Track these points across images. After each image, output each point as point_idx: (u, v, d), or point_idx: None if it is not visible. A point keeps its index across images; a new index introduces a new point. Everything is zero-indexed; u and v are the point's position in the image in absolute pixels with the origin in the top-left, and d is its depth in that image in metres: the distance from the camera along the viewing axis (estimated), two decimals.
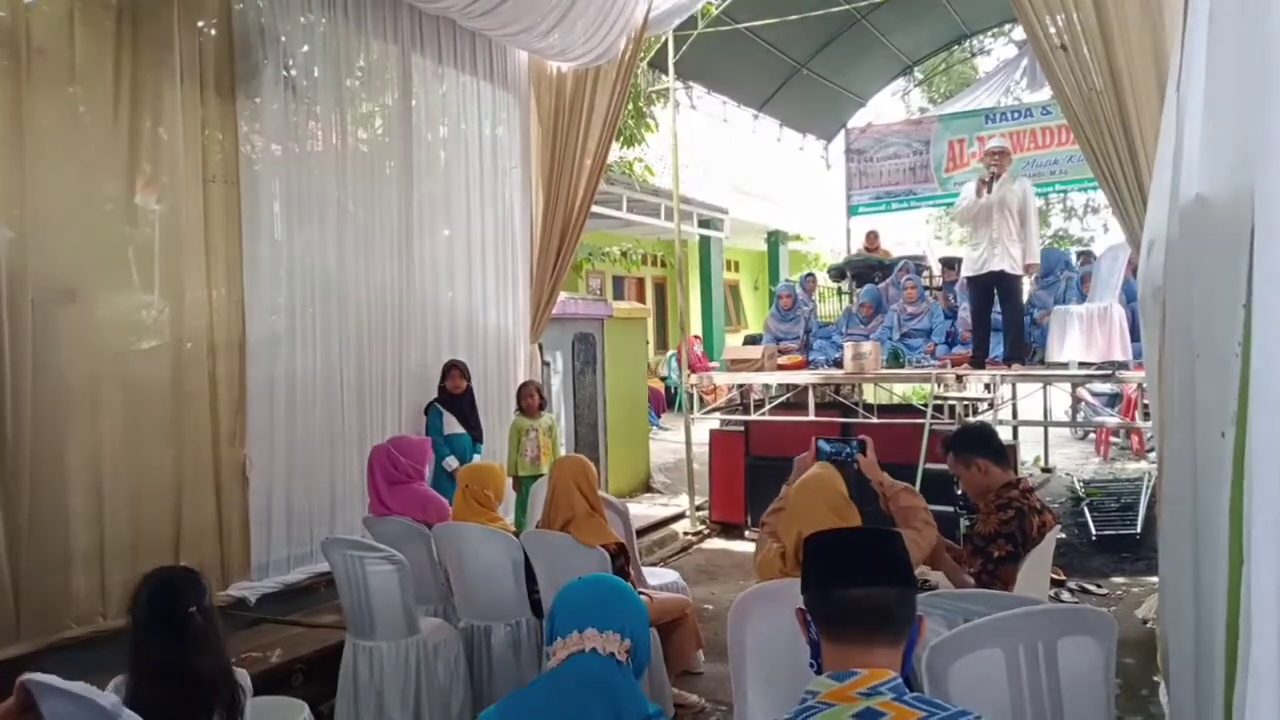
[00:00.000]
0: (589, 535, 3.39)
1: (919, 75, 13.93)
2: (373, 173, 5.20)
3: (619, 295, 14.27)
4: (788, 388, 7.16)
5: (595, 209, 7.09)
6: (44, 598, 3.56)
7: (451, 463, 5.06)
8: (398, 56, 5.36)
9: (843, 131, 12.66)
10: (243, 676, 2.22)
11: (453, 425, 5.24)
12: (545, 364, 6.66)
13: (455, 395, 5.29)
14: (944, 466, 3.23)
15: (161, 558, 3.83)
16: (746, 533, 6.97)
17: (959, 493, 3.18)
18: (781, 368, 7.20)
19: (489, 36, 5.79)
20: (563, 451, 5.98)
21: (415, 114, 5.48)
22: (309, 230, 4.77)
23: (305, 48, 4.84)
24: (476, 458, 5.16)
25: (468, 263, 5.82)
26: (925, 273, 9.20)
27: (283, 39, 4.65)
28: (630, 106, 10.10)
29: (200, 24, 4.31)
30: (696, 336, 13.74)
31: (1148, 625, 4.52)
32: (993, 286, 6.25)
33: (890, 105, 14.37)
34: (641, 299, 14.89)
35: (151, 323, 4.10)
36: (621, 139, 10.67)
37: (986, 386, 7.17)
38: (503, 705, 1.68)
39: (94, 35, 3.86)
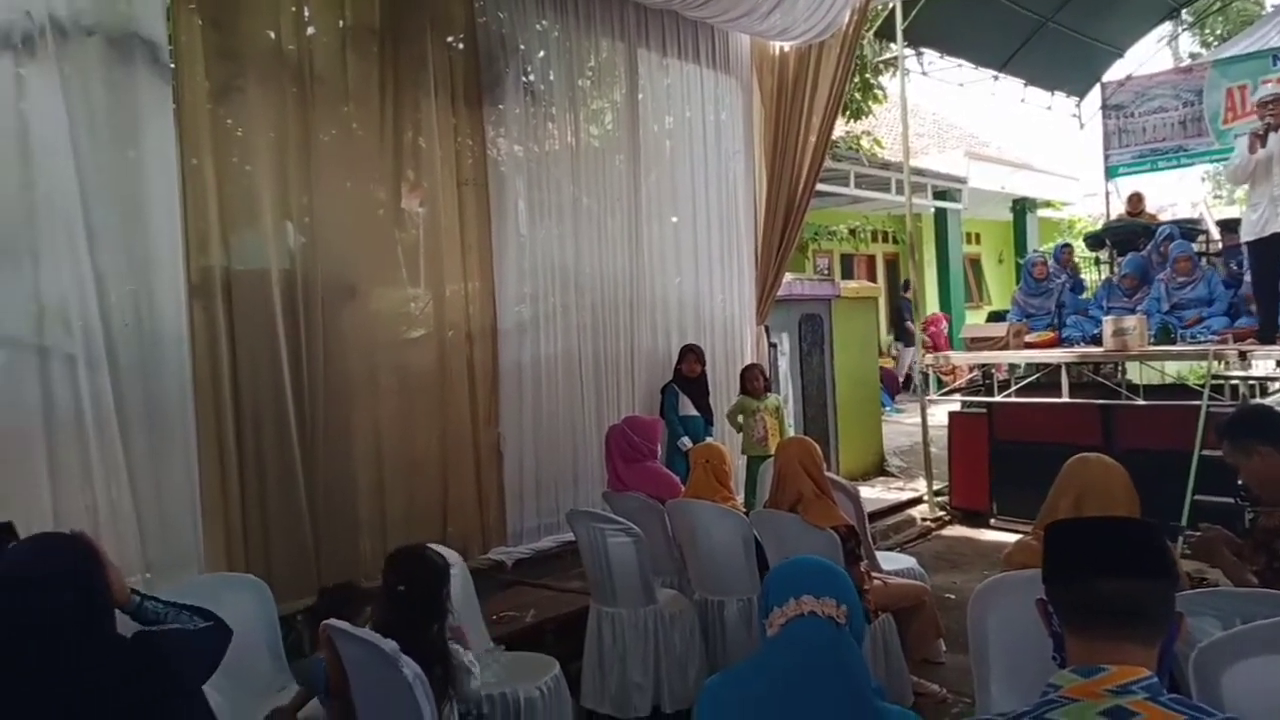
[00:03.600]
0: (818, 517, 3.38)
1: (1188, 18, 12.32)
2: (604, 167, 5.46)
3: (848, 274, 13.90)
4: (1037, 367, 6.67)
5: (821, 187, 6.99)
6: (337, 557, 4.08)
7: (686, 443, 5.21)
8: (625, 53, 5.57)
9: (1097, 86, 11.47)
10: (458, 653, 2.53)
11: (687, 407, 5.41)
12: (772, 346, 6.66)
13: (690, 378, 5.45)
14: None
15: (432, 525, 4.29)
16: (992, 520, 6.58)
17: (1239, 483, 2.83)
18: (1029, 345, 6.71)
19: (711, 24, 5.86)
20: (791, 433, 5.97)
21: (642, 107, 5.68)
22: (549, 224, 5.10)
23: (541, 53, 5.16)
24: (708, 440, 5.28)
25: (694, 248, 5.95)
26: (1201, 238, 8.14)
27: (521, 47, 4.99)
28: (856, 79, 9.79)
29: (449, 40, 4.73)
30: (943, 315, 13.01)
31: None
32: (1277, 251, 5.46)
33: (1153, 54, 12.82)
34: (872, 278, 14.40)
35: (418, 314, 4.57)
36: (847, 113, 10.36)
37: (1278, 364, 6.26)
38: (728, 673, 1.73)
39: (362, 60, 4.35)
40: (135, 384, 3.44)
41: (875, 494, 7.03)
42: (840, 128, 10.13)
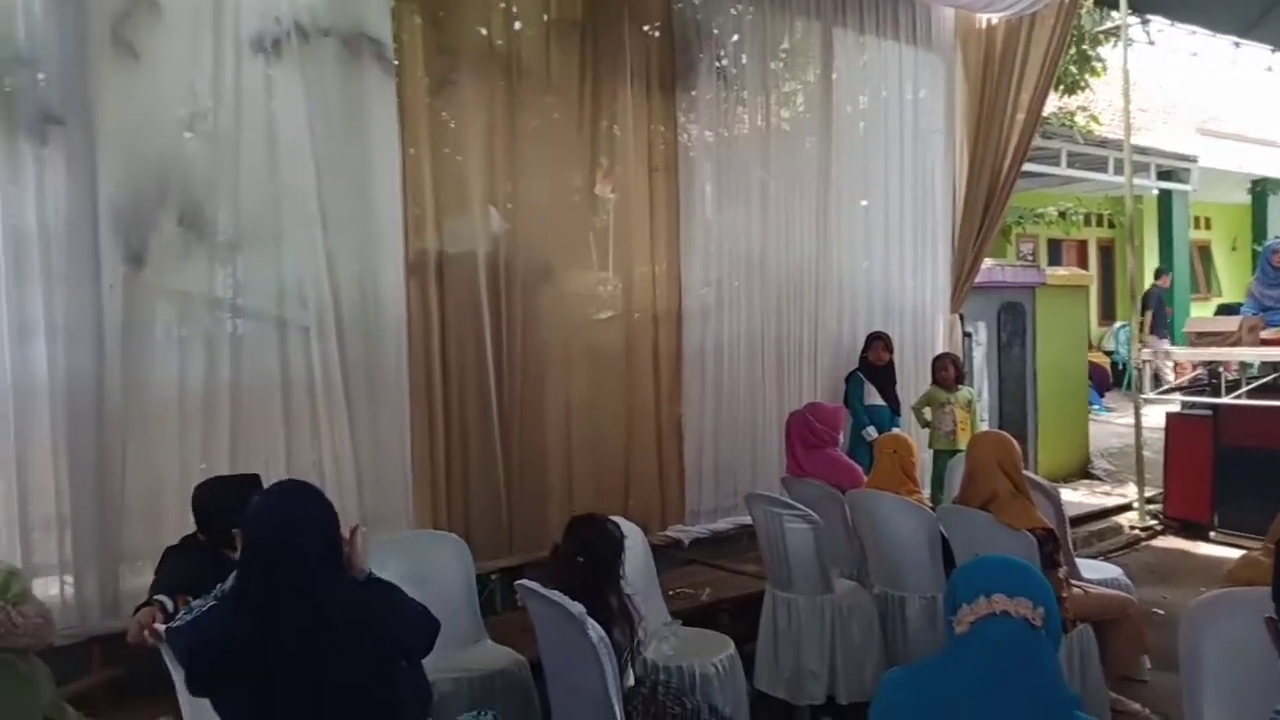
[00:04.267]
0: (1013, 517, 3.21)
1: None
2: (793, 150, 5.40)
3: (1055, 261, 12.94)
4: (1274, 366, 5.97)
5: (1028, 167, 6.55)
6: (528, 522, 4.32)
7: (870, 433, 5.09)
8: (819, 32, 5.46)
9: None
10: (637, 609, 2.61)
11: (872, 396, 5.28)
12: (966, 335, 6.35)
13: (877, 366, 5.32)
14: None
15: (615, 498, 4.46)
16: (1212, 533, 5.98)
17: None
18: (1266, 342, 6.01)
19: None
20: (983, 428, 5.68)
21: (836, 87, 5.55)
22: (735, 209, 5.11)
23: (735, 37, 5.16)
24: (894, 430, 5.13)
25: (885, 232, 5.77)
26: None
27: (715, 31, 5.02)
28: (1072, 50, 9.05)
29: (646, 28, 4.83)
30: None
31: None
32: None
33: None
34: (1083, 264, 13.33)
35: (608, 296, 4.73)
36: (1060, 88, 9.61)
37: None
38: (909, 669, 1.67)
39: (564, 52, 4.53)
40: (358, 354, 3.80)
41: (1078, 498, 6.56)
42: (1052, 103, 9.41)
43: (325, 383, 3.71)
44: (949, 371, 5.38)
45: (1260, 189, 13.80)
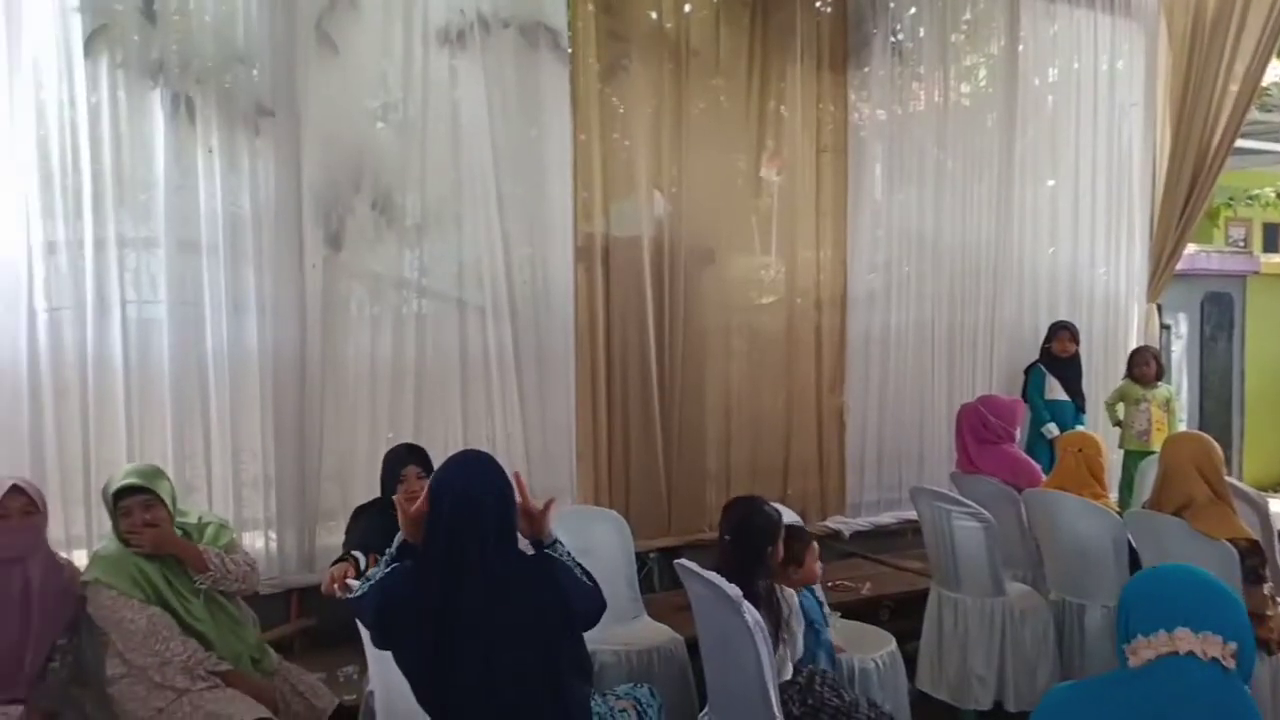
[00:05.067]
0: (1210, 525, 2.93)
1: None
2: (973, 127, 5.12)
3: (1270, 247, 11.64)
4: None
5: (1241, 143, 5.92)
6: (686, 504, 4.36)
7: (1051, 429, 4.79)
8: (1005, 2, 5.14)
9: None
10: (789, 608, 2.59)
11: (1054, 390, 4.96)
12: (1164, 328, 5.84)
13: (1061, 358, 4.99)
14: None
15: (773, 484, 4.42)
16: None
17: None
18: None
19: None
20: (1181, 429, 5.22)
21: (1022, 60, 5.22)
22: (907, 190, 4.92)
23: (912, 10, 4.94)
24: (1078, 428, 4.80)
25: (1074, 214, 5.38)
26: None
27: (891, 4, 4.82)
28: None
29: (817, 4, 4.71)
30: None
31: None
32: None
33: None
34: None
35: (770, 281, 4.68)
36: None
37: None
38: (1079, 687, 1.52)
39: (733, 32, 4.48)
40: (529, 334, 3.96)
41: None
42: (1272, 73, 8.44)
43: (499, 361, 3.89)
44: (1150, 367, 4.98)
45: None
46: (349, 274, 3.65)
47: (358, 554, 2.74)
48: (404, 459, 2.95)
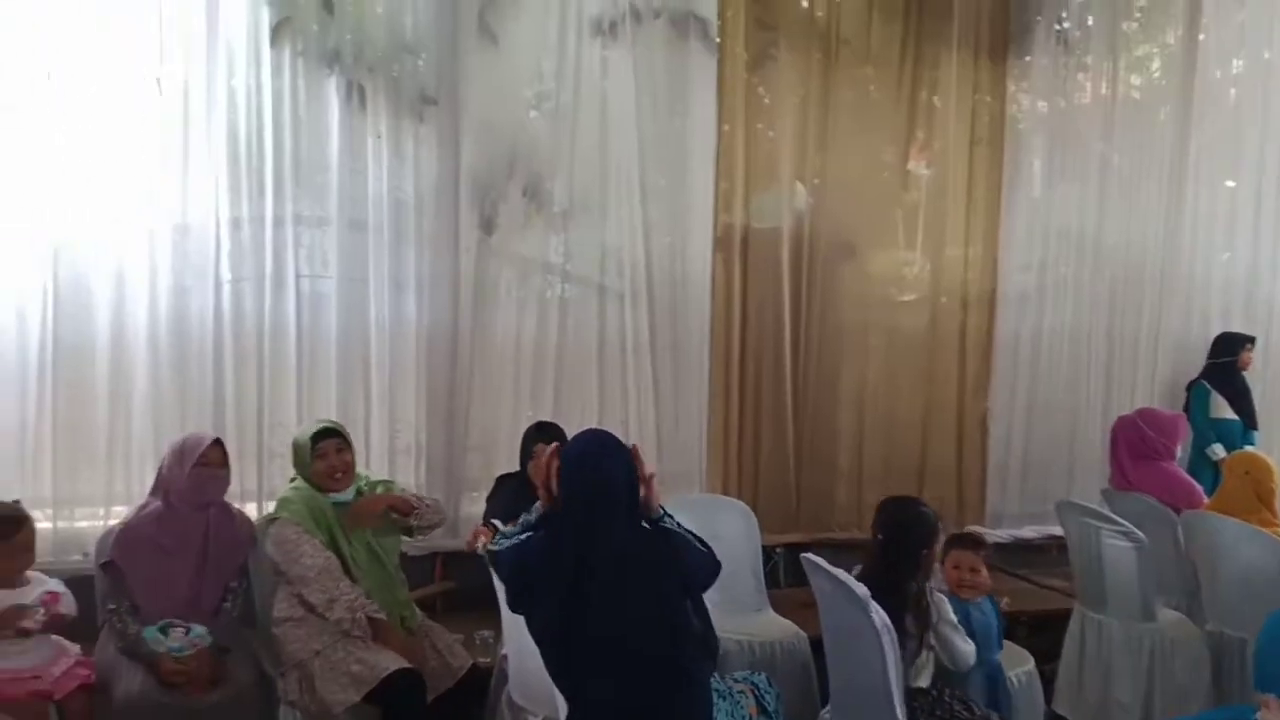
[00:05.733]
0: None
1: None
2: (1143, 122, 4.80)
3: None
4: None
5: None
6: (815, 501, 4.32)
7: (1217, 450, 4.45)
8: None
9: None
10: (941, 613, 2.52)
11: (1221, 408, 4.60)
12: None
13: (1233, 373, 4.63)
14: None
15: (906, 488, 4.26)
16: None
17: None
18: None
19: None
20: None
21: (1202, 50, 4.83)
22: (1068, 187, 4.67)
23: None
24: (1247, 448, 4.45)
25: (1255, 218, 4.94)
26: None
27: None
28: None
29: None
30: None
31: None
32: None
33: None
34: None
35: (913, 278, 4.54)
36: None
37: None
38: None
39: (887, 20, 4.36)
40: (666, 321, 4.02)
41: None
42: None
43: (635, 346, 3.97)
44: None
45: None
46: (499, 257, 3.81)
47: (496, 522, 2.88)
48: (534, 436, 3.13)
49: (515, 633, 2.47)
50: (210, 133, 3.38)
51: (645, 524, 2.16)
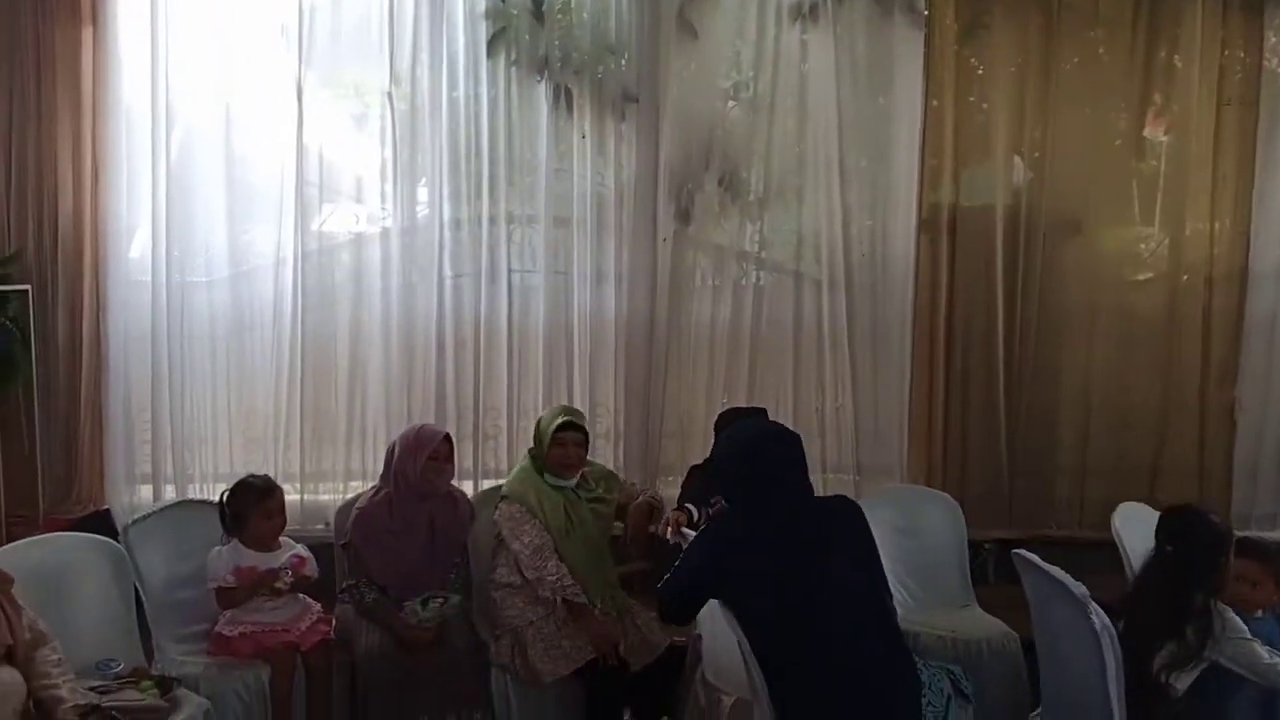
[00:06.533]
0: None
1: None
2: None
3: None
4: None
5: None
6: (1030, 497, 4.04)
7: None
8: None
9: None
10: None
11: None
12: None
13: None
14: None
15: (1138, 484, 3.93)
16: None
17: None
18: None
19: None
20: None
21: None
22: None
23: None
24: None
25: None
26: None
27: None
28: None
29: None
30: None
31: None
32: None
33: None
34: None
35: (1149, 255, 4.14)
36: None
37: None
38: None
39: None
40: (865, 307, 3.93)
41: None
42: None
43: (832, 334, 3.91)
44: None
45: None
46: (695, 247, 3.89)
47: (690, 507, 2.96)
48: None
49: (708, 614, 2.54)
50: (434, 142, 3.69)
51: None
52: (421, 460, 2.93)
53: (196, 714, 2.41)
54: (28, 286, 3.44)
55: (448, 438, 3.03)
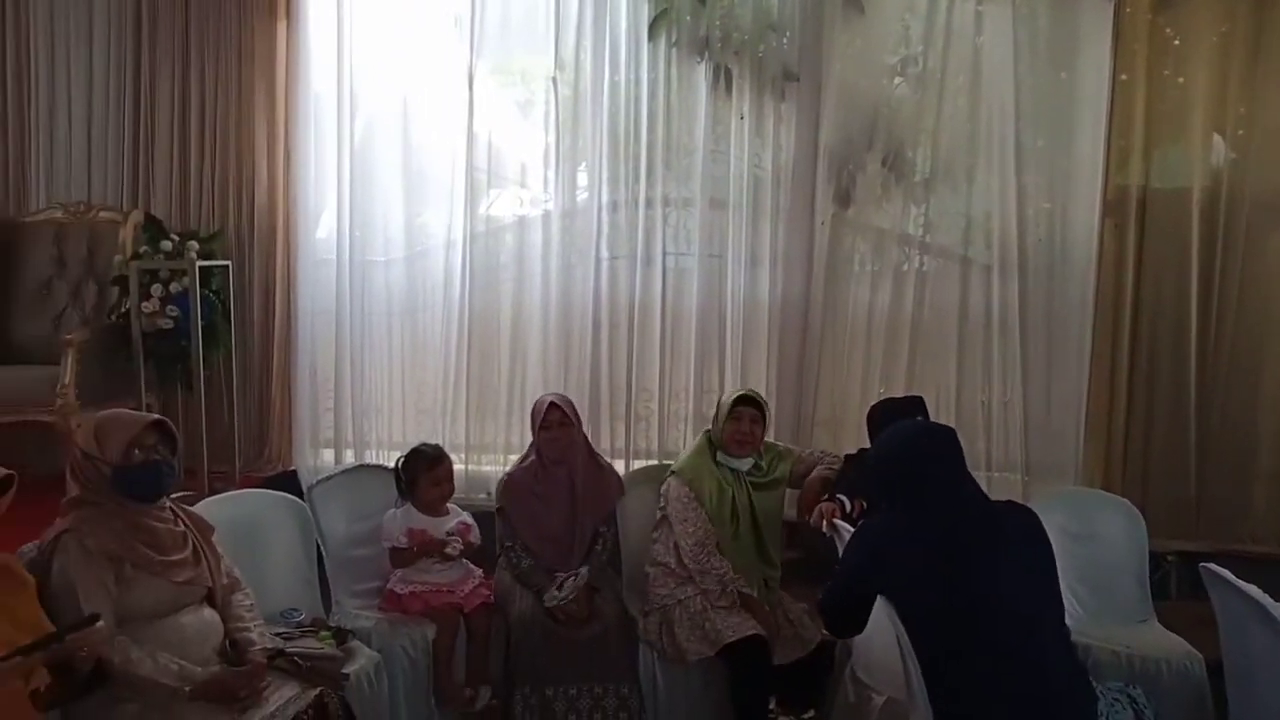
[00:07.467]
0: None
1: None
2: None
3: None
4: None
5: None
6: (1223, 505, 3.71)
7: None
8: None
9: None
10: None
11: None
12: None
13: None
14: None
15: None
16: None
17: None
18: None
19: None
20: None
21: None
22: None
23: None
24: None
25: None
26: None
27: None
28: None
29: None
30: None
31: None
32: None
33: None
34: None
35: None
36: None
37: None
38: None
39: None
40: (1040, 295, 3.71)
41: None
42: None
43: (1002, 323, 3.72)
44: None
45: None
46: (854, 230, 3.79)
47: (843, 497, 2.88)
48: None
49: None
50: (595, 125, 3.76)
51: None
52: (536, 428, 3.04)
53: (369, 666, 2.56)
54: (228, 262, 3.77)
55: (555, 406, 3.04)
